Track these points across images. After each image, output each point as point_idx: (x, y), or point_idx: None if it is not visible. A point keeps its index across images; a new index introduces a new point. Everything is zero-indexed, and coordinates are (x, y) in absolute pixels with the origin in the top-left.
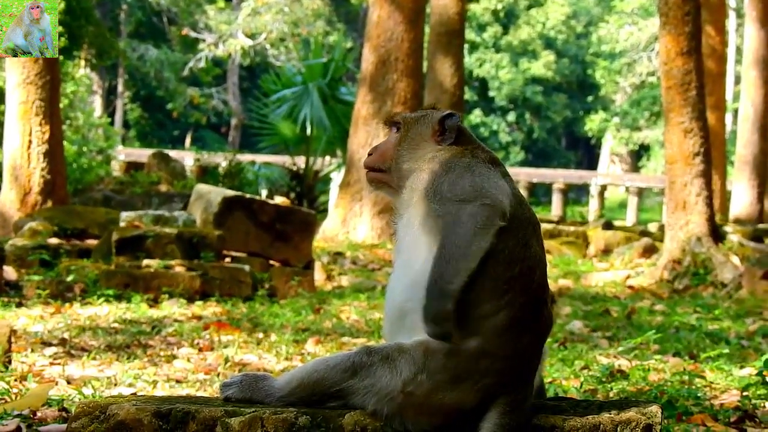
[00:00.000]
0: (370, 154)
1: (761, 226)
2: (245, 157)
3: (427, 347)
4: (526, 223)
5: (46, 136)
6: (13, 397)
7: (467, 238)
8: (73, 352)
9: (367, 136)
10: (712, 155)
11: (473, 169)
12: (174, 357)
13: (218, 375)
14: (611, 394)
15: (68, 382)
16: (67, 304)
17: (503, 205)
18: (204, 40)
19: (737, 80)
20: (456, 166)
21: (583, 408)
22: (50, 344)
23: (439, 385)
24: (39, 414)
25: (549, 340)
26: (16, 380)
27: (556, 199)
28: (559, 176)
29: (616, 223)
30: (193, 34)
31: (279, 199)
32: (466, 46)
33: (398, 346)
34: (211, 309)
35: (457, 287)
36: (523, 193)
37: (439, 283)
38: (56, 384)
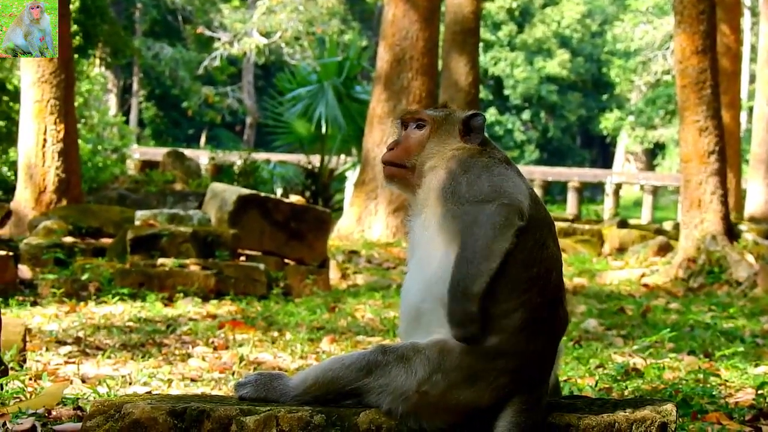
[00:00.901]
0: (390, 149)
1: None
2: (260, 156)
3: (442, 347)
4: (543, 224)
5: (61, 134)
6: (28, 395)
7: (487, 239)
8: (87, 350)
9: (382, 134)
10: (727, 154)
11: (491, 168)
12: (189, 356)
13: (233, 374)
14: (626, 393)
15: (83, 381)
16: (82, 303)
17: (522, 205)
18: (219, 39)
19: (752, 79)
20: (474, 166)
21: (598, 406)
22: (65, 343)
23: (454, 384)
24: (54, 413)
25: (564, 338)
26: (31, 379)
27: (571, 198)
28: (574, 175)
29: (631, 221)
30: (207, 33)
31: (294, 198)
32: (480, 44)
33: (413, 345)
34: (225, 308)
35: (479, 289)
36: (538, 191)
37: (461, 285)
38: (71, 383)
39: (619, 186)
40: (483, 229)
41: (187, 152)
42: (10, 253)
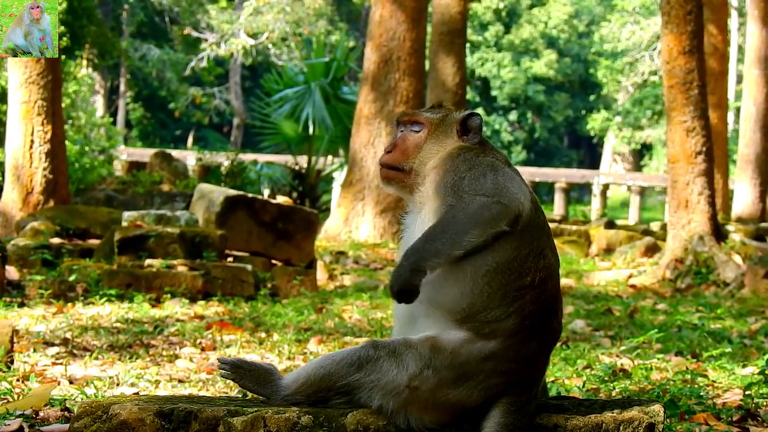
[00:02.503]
0: (388, 151)
1: (763, 224)
2: (247, 157)
3: (434, 343)
4: (541, 232)
5: (48, 135)
6: (16, 397)
7: (466, 225)
8: (75, 351)
9: (369, 135)
10: (714, 154)
11: (497, 168)
12: (176, 357)
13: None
14: (614, 393)
15: (70, 382)
16: (70, 304)
17: (520, 208)
18: (206, 40)
19: (739, 79)
20: (479, 164)
21: (585, 407)
22: (52, 344)
23: (444, 381)
24: (41, 414)
25: None
26: (18, 380)
27: (559, 199)
28: (561, 175)
29: (619, 222)
30: (195, 34)
31: (281, 199)
32: (468, 45)
33: (405, 341)
34: (213, 309)
35: (432, 262)
36: None
37: (419, 252)
38: (58, 384)
39: (606, 186)
40: (467, 214)
41: (175, 153)
42: None
